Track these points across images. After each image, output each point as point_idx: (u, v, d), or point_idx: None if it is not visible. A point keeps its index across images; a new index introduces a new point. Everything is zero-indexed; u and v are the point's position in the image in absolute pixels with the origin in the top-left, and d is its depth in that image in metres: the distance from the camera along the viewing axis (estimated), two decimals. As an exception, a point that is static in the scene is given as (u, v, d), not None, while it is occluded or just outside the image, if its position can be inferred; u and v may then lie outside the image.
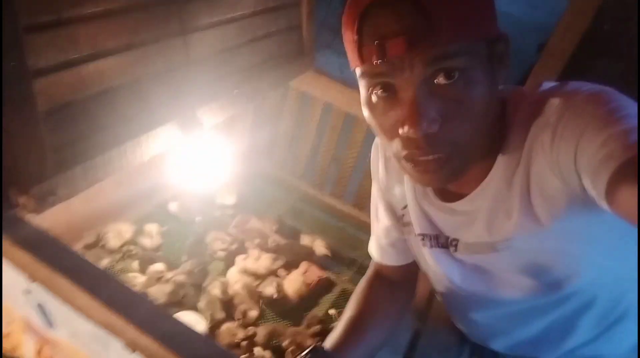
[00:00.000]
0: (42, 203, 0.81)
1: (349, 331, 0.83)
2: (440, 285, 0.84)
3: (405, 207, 0.81)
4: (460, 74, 0.56)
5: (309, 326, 1.30)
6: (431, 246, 0.79)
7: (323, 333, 1.25)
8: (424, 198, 0.77)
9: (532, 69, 1.60)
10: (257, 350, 1.22)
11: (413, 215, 0.80)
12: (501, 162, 0.65)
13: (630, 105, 0.53)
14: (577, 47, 1.42)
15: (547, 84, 0.65)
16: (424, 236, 0.80)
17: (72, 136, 0.86)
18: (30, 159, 0.80)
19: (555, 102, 0.59)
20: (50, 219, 0.91)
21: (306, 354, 0.75)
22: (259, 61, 1.37)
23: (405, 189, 0.80)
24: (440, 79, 0.56)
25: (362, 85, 0.62)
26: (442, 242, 0.78)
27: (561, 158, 0.57)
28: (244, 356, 1.20)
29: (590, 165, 0.51)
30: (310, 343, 1.25)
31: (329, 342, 0.82)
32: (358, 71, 0.61)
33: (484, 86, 0.58)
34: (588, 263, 0.66)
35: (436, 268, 0.81)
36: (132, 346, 0.77)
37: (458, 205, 0.72)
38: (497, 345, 0.87)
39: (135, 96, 0.99)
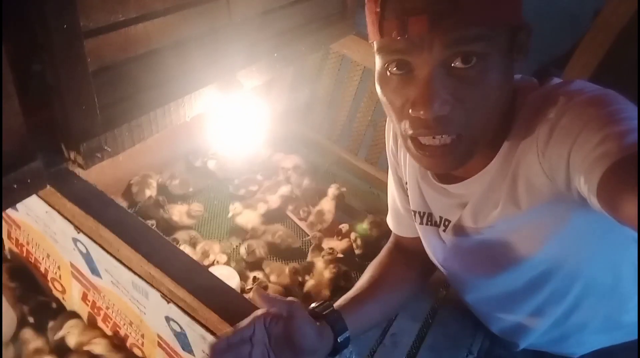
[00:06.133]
0: (91, 158, 0.85)
1: (362, 291, 0.84)
2: (434, 262, 0.87)
3: (407, 183, 0.84)
4: (479, 59, 0.56)
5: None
6: (420, 223, 0.82)
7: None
8: (422, 177, 0.79)
9: (583, 39, 1.54)
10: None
11: (410, 191, 0.82)
12: (502, 152, 0.66)
13: (630, 109, 0.54)
14: (628, 22, 1.36)
15: (556, 80, 0.65)
16: (415, 212, 0.83)
17: (119, 95, 0.90)
18: (80, 117, 0.84)
19: (558, 99, 0.60)
20: (95, 173, 0.96)
21: (316, 306, 0.78)
22: (299, 23, 1.37)
23: (407, 166, 0.82)
24: (458, 63, 0.56)
25: (379, 60, 0.62)
26: (434, 221, 0.80)
27: (554, 154, 0.57)
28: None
29: (584, 162, 0.52)
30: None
31: (340, 300, 0.82)
32: (376, 44, 0.61)
33: (500, 73, 0.58)
34: (558, 249, 0.69)
35: (425, 244, 0.84)
36: (168, 297, 0.83)
37: (453, 188, 0.73)
38: (492, 327, 0.91)
39: (178, 58, 1.02)
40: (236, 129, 1.58)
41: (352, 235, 1.42)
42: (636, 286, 0.75)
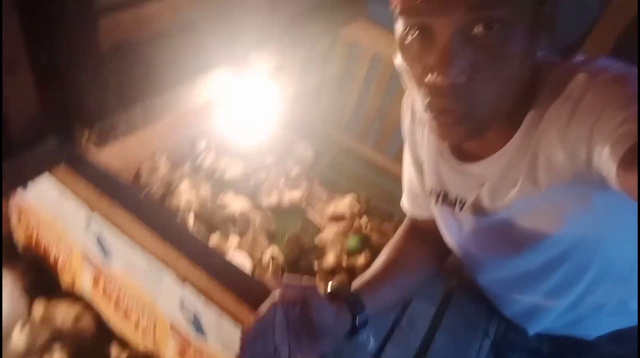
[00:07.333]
0: (104, 138, 0.84)
1: (378, 273, 0.84)
2: (448, 243, 0.86)
3: (424, 162, 0.83)
4: (501, 26, 0.55)
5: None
6: (435, 203, 0.81)
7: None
8: (440, 155, 0.78)
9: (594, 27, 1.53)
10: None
11: (427, 170, 0.81)
12: (523, 130, 0.65)
13: None
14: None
15: (579, 57, 0.63)
16: (432, 191, 0.81)
17: (131, 75, 0.89)
18: (93, 95, 0.83)
19: (581, 77, 0.59)
20: (104, 158, 0.95)
21: (333, 288, 0.77)
22: (310, 6, 1.35)
23: (425, 144, 0.81)
24: (479, 29, 0.55)
25: (400, 24, 0.61)
26: (450, 200, 0.79)
27: (576, 132, 0.57)
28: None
29: (608, 139, 0.51)
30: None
31: (357, 281, 0.82)
32: (397, 9, 0.60)
33: (522, 45, 0.57)
34: (576, 230, 0.68)
35: (440, 224, 0.83)
36: (183, 277, 0.82)
37: (471, 167, 0.72)
38: (505, 311, 0.90)
39: (190, 39, 1.00)
40: (245, 116, 1.57)
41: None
42: None
